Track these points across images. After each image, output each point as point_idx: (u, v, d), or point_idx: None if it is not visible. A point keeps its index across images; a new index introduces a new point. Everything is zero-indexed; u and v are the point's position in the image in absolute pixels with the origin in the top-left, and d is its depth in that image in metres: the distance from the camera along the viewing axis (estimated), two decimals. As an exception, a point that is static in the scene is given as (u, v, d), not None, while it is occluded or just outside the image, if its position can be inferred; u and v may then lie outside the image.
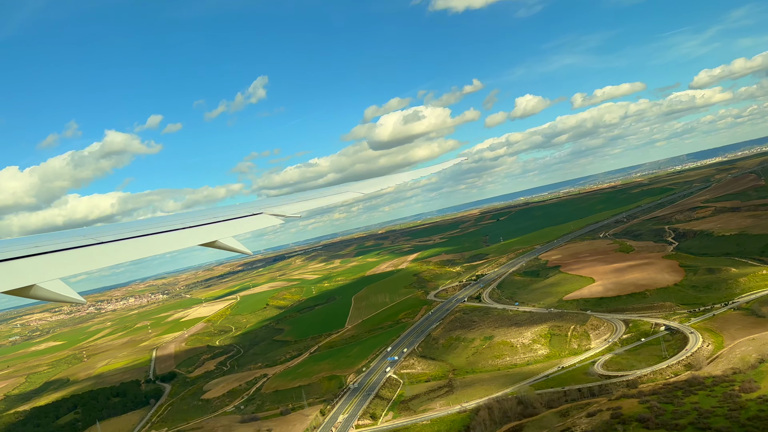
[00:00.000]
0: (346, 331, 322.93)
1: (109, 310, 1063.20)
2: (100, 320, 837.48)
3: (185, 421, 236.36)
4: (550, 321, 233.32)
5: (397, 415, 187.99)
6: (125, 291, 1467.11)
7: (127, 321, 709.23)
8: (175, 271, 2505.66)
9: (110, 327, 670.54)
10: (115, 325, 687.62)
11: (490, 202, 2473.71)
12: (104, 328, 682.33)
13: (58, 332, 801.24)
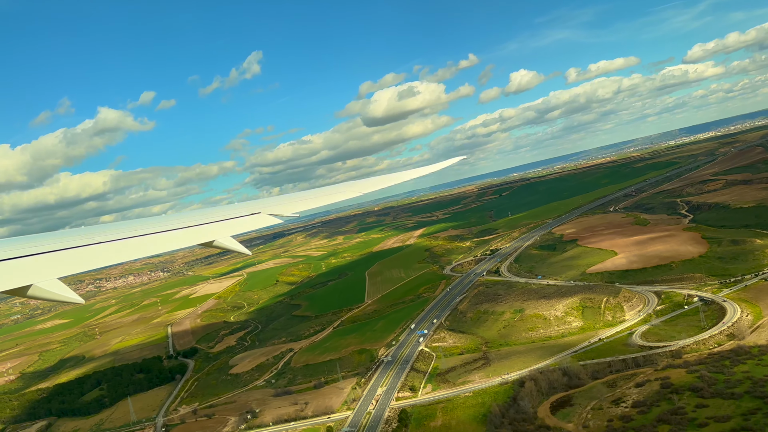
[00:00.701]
0: (367, 306, 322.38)
1: (109, 288, 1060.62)
2: (103, 298, 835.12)
3: (216, 395, 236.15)
4: (580, 294, 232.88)
5: (436, 387, 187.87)
6: (122, 269, 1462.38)
7: (131, 298, 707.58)
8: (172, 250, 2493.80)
9: (116, 305, 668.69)
10: (120, 302, 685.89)
11: (483, 179, 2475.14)
12: (109, 305, 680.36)
13: (60, 310, 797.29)
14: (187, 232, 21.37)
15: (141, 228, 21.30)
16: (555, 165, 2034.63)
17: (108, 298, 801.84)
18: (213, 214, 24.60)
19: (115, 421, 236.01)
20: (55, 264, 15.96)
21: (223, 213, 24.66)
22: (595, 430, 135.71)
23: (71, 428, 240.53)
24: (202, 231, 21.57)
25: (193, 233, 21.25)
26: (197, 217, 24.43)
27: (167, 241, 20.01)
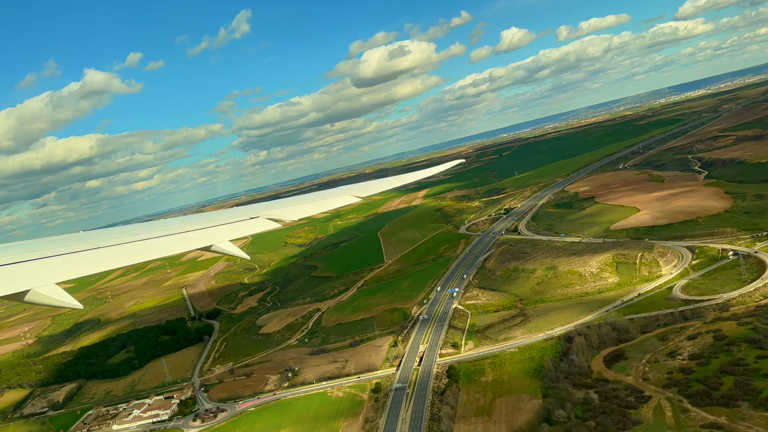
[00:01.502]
0: (388, 266, 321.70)
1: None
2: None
3: (249, 355, 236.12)
4: (612, 250, 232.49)
5: (478, 344, 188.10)
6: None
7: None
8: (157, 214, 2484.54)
9: (119, 268, 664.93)
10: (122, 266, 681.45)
11: (472, 140, 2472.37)
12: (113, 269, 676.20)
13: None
14: (186, 236, 21.50)
15: (139, 233, 21.47)
16: (545, 125, 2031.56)
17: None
18: (212, 219, 24.65)
19: (148, 382, 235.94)
20: (53, 269, 16.00)
21: (222, 217, 24.86)
22: (656, 382, 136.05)
23: (102, 390, 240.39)
24: (201, 235, 21.74)
25: (192, 237, 21.41)
26: (196, 221, 24.43)
27: (165, 245, 19.98)
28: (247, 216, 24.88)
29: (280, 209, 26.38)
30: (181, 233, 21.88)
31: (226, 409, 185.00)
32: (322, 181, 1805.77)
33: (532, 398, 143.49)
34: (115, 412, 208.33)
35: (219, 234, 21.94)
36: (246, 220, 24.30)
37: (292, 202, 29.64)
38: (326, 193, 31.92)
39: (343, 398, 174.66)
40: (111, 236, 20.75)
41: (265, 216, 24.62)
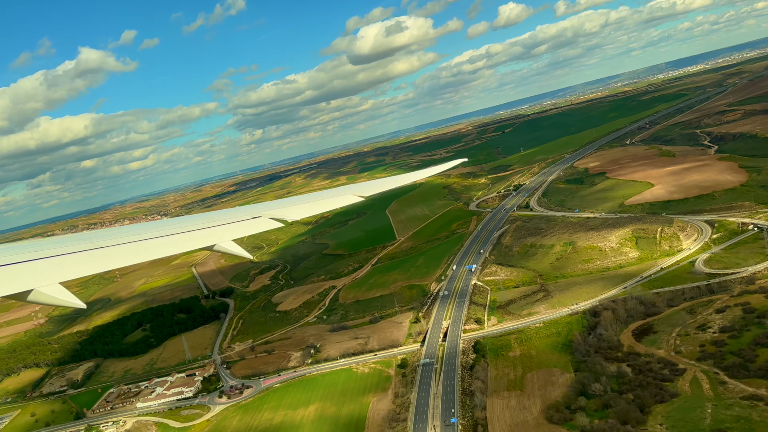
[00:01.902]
0: (401, 243, 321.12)
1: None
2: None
3: (268, 332, 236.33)
4: (630, 225, 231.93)
5: (501, 319, 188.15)
6: (115, 213, 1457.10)
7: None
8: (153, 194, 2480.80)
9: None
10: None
11: (468, 117, 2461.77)
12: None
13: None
14: (188, 236, 21.54)
15: (142, 232, 21.59)
16: (543, 101, 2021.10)
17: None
18: (215, 218, 24.80)
19: (167, 360, 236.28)
20: (56, 268, 16.10)
21: (225, 217, 25.05)
22: (689, 355, 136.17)
23: (121, 368, 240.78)
24: (204, 235, 21.77)
25: (195, 237, 21.44)
26: (199, 221, 24.57)
27: (168, 244, 20.07)
28: (249, 216, 24.96)
29: (283, 209, 26.33)
30: (184, 233, 21.91)
31: (251, 386, 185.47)
32: (318, 160, 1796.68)
33: (563, 372, 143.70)
34: (137, 390, 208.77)
35: (222, 233, 21.97)
36: (248, 219, 24.39)
37: (295, 202, 29.62)
38: (329, 193, 32.03)
39: (369, 374, 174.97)
40: (114, 236, 20.83)
41: (268, 216, 24.69)
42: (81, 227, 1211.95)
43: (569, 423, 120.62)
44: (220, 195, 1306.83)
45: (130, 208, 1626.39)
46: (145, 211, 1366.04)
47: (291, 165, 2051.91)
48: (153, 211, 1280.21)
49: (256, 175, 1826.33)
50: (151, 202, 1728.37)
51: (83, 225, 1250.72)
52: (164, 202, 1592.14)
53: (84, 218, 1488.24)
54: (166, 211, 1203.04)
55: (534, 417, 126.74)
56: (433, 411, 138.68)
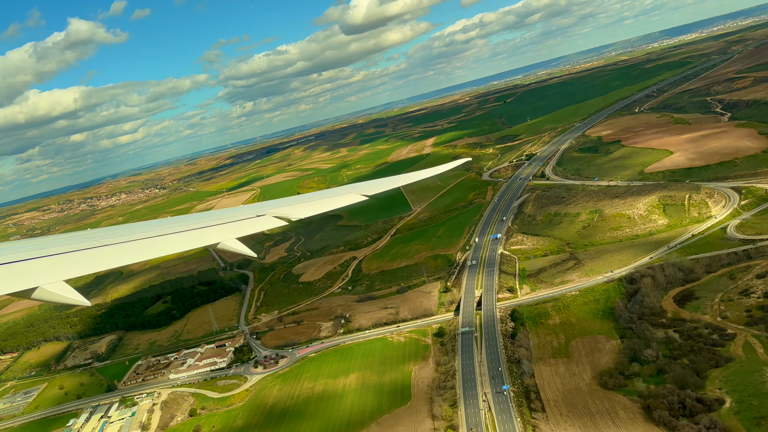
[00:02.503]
0: (417, 214, 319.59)
1: (106, 206, 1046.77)
2: (104, 216, 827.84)
3: (293, 303, 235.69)
4: (656, 192, 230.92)
5: (534, 288, 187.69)
6: (110, 188, 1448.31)
7: (139, 215, 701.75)
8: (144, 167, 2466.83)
9: (127, 221, 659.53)
10: (129, 219, 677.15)
11: (461, 88, 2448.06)
12: (118, 222, 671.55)
13: (62, 229, 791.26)
14: (193, 233, 21.58)
15: (147, 230, 21.66)
16: (537, 71, 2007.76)
17: (110, 216, 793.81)
18: (219, 217, 24.91)
19: (193, 332, 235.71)
20: (61, 266, 16.14)
21: (229, 215, 25.08)
22: (736, 320, 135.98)
23: (145, 340, 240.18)
24: (207, 233, 21.81)
25: (199, 235, 21.48)
26: (203, 219, 24.68)
27: (173, 242, 20.21)
28: (254, 214, 25.01)
29: (287, 207, 26.43)
30: (188, 231, 21.95)
31: (285, 356, 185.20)
32: (312, 132, 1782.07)
33: (608, 339, 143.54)
34: (167, 362, 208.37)
35: (226, 232, 21.95)
36: (253, 218, 24.46)
37: (299, 201, 29.66)
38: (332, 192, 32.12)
39: (405, 343, 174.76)
40: (118, 234, 20.95)
41: (272, 214, 24.76)
42: (77, 201, 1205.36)
43: (624, 389, 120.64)
44: (217, 168, 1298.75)
45: (124, 182, 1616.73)
46: (140, 184, 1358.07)
47: (284, 138, 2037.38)
48: (149, 185, 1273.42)
49: (250, 148, 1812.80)
50: (144, 175, 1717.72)
51: (78, 199, 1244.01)
52: (159, 175, 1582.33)
53: (78, 192, 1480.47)
54: (163, 185, 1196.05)
55: (586, 383, 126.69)
56: (480, 378, 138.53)
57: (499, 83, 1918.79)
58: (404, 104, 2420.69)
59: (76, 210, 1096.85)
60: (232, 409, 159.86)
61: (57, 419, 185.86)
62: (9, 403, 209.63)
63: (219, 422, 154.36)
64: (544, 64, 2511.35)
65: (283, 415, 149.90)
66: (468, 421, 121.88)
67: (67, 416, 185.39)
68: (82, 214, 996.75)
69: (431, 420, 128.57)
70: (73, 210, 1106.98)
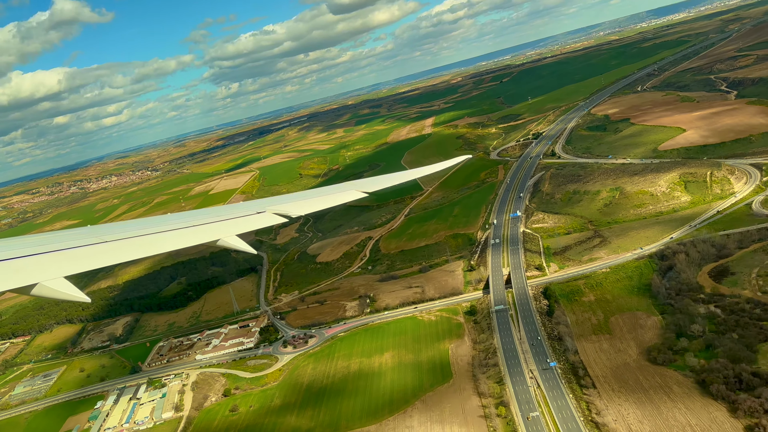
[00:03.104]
0: (430, 194, 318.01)
1: (97, 189, 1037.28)
2: (98, 198, 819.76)
3: (313, 283, 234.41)
4: (676, 169, 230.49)
5: (562, 266, 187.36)
6: (99, 170, 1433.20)
7: (135, 197, 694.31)
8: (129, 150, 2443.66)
9: (122, 204, 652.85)
10: (125, 201, 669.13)
11: (450, 69, 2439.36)
12: (115, 205, 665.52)
13: (56, 213, 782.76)
14: (192, 230, 21.67)
15: (146, 227, 21.82)
16: (526, 51, 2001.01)
17: (104, 199, 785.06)
18: (218, 213, 25.07)
19: (211, 312, 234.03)
20: (61, 262, 16.17)
21: (228, 212, 25.17)
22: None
23: (163, 322, 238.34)
24: (207, 229, 21.85)
25: (199, 231, 21.55)
26: (202, 216, 24.89)
27: (172, 239, 20.32)
28: (253, 211, 25.06)
29: (287, 204, 26.40)
30: (188, 227, 22.00)
31: (314, 335, 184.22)
32: (301, 114, 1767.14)
33: (648, 315, 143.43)
34: (189, 343, 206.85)
35: (225, 228, 21.89)
36: (252, 214, 24.51)
37: (298, 197, 29.68)
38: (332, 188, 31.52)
39: (436, 321, 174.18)
40: (118, 230, 20.97)
41: (271, 211, 24.76)
42: (66, 184, 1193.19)
43: (674, 364, 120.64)
44: (209, 150, 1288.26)
45: (112, 164, 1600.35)
46: (129, 167, 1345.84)
47: (271, 119, 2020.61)
48: (139, 167, 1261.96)
49: (239, 130, 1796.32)
50: (132, 158, 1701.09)
51: (68, 182, 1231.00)
52: (148, 157, 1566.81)
53: (66, 175, 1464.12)
54: (154, 167, 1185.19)
55: (633, 359, 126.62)
56: (524, 356, 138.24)
57: (488, 63, 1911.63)
58: (392, 85, 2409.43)
59: (67, 193, 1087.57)
60: (268, 389, 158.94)
61: (82, 402, 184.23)
62: (29, 386, 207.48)
63: (255, 402, 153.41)
64: (532, 44, 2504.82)
65: (322, 394, 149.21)
66: (518, 397, 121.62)
67: (92, 398, 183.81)
68: (74, 197, 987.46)
69: (477, 397, 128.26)
70: (64, 193, 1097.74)
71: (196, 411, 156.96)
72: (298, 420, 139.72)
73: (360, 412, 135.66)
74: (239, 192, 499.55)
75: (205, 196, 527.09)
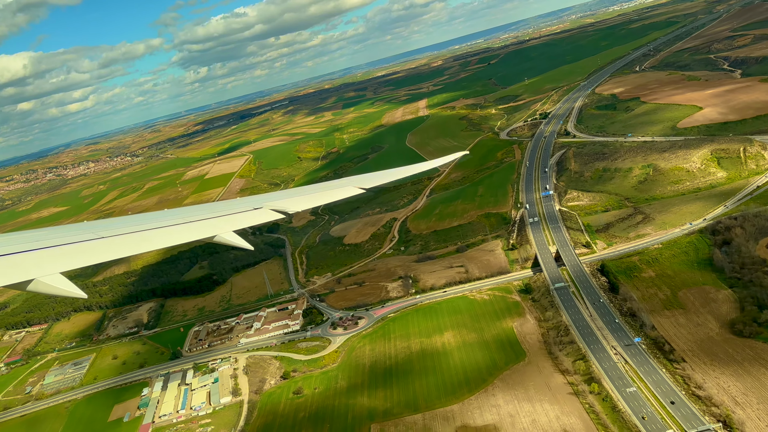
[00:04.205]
0: (447, 174, 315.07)
1: (76, 175, 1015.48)
2: (80, 185, 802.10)
3: (344, 264, 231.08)
4: (705, 145, 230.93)
5: (610, 243, 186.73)
6: (72, 157, 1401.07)
7: (122, 182, 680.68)
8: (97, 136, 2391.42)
9: (110, 189, 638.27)
10: (114, 187, 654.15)
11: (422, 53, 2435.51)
12: (102, 191, 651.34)
13: (37, 200, 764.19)
14: (189, 226, 21.62)
15: (143, 223, 21.80)
16: (499, 35, 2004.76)
17: (87, 185, 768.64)
18: (215, 209, 24.97)
19: (242, 296, 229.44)
20: (57, 258, 16.20)
21: (226, 208, 25.25)
22: None
23: (191, 306, 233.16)
24: (204, 225, 21.78)
25: (196, 227, 21.53)
26: (199, 211, 24.77)
27: (169, 235, 20.32)
28: (251, 207, 25.09)
29: (284, 200, 26.47)
30: (185, 223, 21.93)
31: (362, 316, 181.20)
32: (274, 99, 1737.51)
33: (717, 289, 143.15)
34: (227, 327, 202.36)
35: (223, 224, 21.79)
36: (250, 210, 24.50)
37: (296, 194, 30.07)
38: (329, 185, 32.21)
39: (490, 300, 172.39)
40: (115, 226, 21.12)
41: (269, 207, 24.82)
42: (41, 171, 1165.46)
43: (761, 336, 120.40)
44: (190, 134, 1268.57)
45: (85, 151, 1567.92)
46: (104, 153, 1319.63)
47: (244, 104, 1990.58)
48: (116, 153, 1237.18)
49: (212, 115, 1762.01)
50: (104, 144, 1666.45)
51: (42, 169, 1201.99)
52: (122, 143, 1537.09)
53: (38, 162, 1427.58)
54: (133, 153, 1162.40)
55: (716, 333, 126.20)
56: (599, 332, 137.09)
57: (462, 47, 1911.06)
58: (364, 69, 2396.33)
59: (44, 180, 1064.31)
60: (329, 370, 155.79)
61: (125, 389, 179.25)
62: (60, 375, 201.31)
63: (319, 384, 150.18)
64: (503, 27, 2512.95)
65: (388, 374, 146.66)
66: (609, 374, 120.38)
67: (135, 386, 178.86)
68: (52, 184, 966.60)
69: (560, 375, 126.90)
70: (40, 180, 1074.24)
71: (256, 395, 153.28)
72: (371, 400, 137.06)
73: (436, 391, 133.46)
74: (237, 176, 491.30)
75: (201, 180, 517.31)
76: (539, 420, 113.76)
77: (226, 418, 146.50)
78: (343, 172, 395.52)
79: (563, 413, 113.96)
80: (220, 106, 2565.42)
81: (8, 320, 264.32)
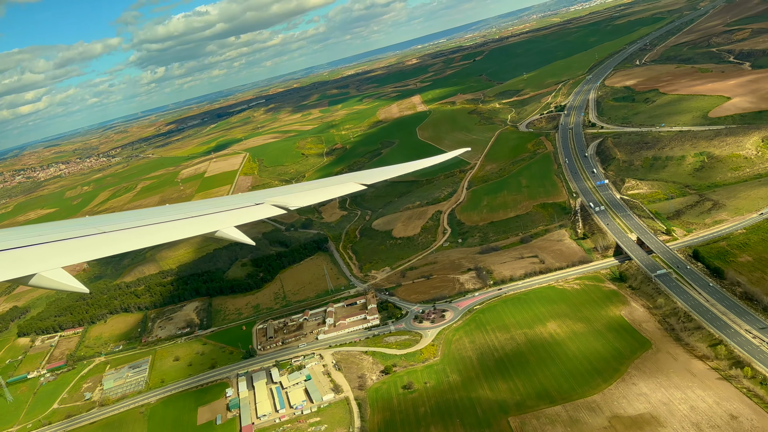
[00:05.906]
0: (481, 166, 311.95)
1: (49, 178, 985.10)
2: (57, 187, 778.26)
3: (400, 258, 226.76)
4: (752, 133, 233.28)
5: (689, 229, 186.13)
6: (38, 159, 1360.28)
7: (108, 183, 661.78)
8: (46, 139, 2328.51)
9: (100, 190, 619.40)
10: (101, 188, 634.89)
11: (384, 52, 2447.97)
12: (89, 192, 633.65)
13: (15, 202, 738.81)
14: (190, 221, 21.52)
15: (144, 218, 21.88)
16: (461, 35, 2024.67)
17: (66, 187, 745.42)
18: (217, 205, 25.20)
19: (297, 293, 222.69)
20: (59, 253, 16.24)
21: (228, 203, 25.27)
22: None
23: (243, 304, 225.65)
24: (206, 221, 21.77)
25: (197, 222, 21.47)
26: (201, 207, 24.90)
27: (171, 230, 20.27)
28: (252, 202, 25.08)
29: (285, 196, 26.35)
30: (186, 218, 21.77)
31: (447, 309, 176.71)
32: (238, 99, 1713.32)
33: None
34: (295, 323, 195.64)
35: (224, 220, 21.73)
36: (251, 206, 24.49)
37: (297, 189, 29.71)
38: (330, 181, 32.14)
39: (582, 290, 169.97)
40: (116, 221, 20.96)
41: (270, 202, 24.74)
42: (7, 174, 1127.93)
43: None
44: (165, 134, 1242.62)
45: (48, 153, 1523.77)
46: (70, 155, 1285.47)
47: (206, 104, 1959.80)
48: (86, 155, 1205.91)
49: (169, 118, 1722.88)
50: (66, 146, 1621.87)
51: (7, 172, 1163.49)
52: (87, 145, 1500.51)
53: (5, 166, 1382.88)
54: (107, 154, 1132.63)
55: None
56: (725, 317, 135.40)
57: (425, 47, 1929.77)
58: (326, 69, 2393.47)
59: (13, 183, 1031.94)
60: (433, 364, 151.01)
61: (202, 390, 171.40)
62: (120, 379, 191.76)
63: (428, 378, 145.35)
64: (464, 28, 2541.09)
65: (502, 366, 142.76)
66: (756, 357, 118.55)
67: (213, 387, 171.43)
68: (24, 186, 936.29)
69: (699, 360, 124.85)
70: (9, 183, 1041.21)
71: (360, 390, 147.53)
72: (495, 393, 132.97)
73: (566, 382, 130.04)
74: (242, 173, 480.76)
75: (202, 178, 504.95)
76: (698, 406, 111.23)
77: (336, 415, 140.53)
78: (358, 168, 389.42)
79: (721, 399, 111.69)
80: (179, 106, 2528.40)
81: (38, 325, 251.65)
